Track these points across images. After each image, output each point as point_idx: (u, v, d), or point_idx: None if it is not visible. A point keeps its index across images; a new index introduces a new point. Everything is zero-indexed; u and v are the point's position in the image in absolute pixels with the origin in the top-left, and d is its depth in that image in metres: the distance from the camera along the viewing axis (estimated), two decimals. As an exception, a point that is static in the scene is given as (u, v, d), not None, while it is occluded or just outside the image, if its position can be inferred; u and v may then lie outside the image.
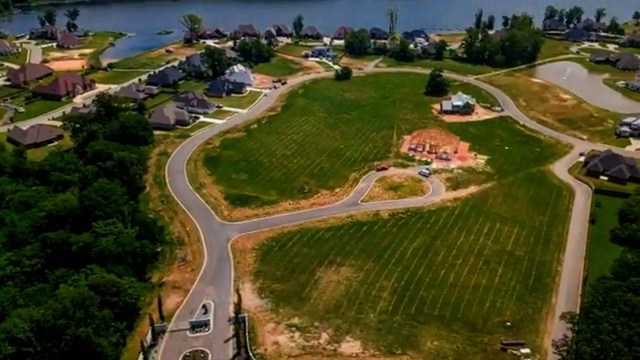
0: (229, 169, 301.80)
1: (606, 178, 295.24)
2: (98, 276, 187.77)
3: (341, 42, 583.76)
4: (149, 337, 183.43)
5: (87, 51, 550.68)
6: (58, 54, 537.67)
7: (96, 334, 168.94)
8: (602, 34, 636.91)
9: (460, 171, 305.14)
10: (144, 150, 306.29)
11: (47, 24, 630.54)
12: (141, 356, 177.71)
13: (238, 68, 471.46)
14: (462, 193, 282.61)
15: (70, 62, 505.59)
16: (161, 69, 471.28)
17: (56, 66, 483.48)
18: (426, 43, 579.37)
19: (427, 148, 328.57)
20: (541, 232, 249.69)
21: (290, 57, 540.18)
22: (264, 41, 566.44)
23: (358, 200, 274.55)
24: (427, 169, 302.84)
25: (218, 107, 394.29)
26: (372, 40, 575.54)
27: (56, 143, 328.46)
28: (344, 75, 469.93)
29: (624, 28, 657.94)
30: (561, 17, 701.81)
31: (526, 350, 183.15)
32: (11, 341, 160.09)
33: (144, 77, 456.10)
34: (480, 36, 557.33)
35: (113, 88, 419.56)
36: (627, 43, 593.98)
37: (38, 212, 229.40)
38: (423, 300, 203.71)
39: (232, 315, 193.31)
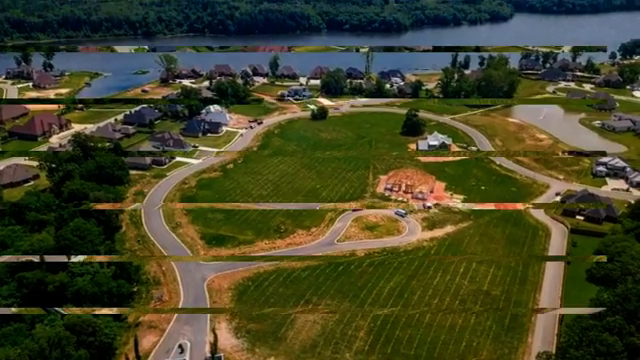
0: (205, 209, 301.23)
1: (582, 218, 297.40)
2: (74, 316, 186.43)
3: (317, 82, 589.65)
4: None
5: (63, 91, 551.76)
6: (34, 94, 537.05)
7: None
8: (578, 74, 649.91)
9: (436, 211, 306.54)
10: (120, 190, 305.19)
11: (23, 64, 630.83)
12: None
13: (214, 108, 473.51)
14: (438, 233, 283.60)
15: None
16: (137, 109, 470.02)
17: (32, 106, 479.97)
18: (402, 83, 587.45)
19: (403, 188, 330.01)
20: (517, 272, 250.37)
21: (266, 97, 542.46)
22: (240, 81, 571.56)
23: (334, 240, 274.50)
24: (403, 209, 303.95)
25: (194, 147, 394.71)
26: (348, 80, 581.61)
27: (32, 183, 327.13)
28: (320, 115, 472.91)
29: (600, 68, 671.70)
30: (537, 57, 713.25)
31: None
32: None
33: (120, 117, 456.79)
34: (456, 76, 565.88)
35: (89, 128, 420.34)
36: (603, 83, 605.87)
37: (14, 252, 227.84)
38: (399, 340, 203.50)
39: (208, 355, 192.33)
